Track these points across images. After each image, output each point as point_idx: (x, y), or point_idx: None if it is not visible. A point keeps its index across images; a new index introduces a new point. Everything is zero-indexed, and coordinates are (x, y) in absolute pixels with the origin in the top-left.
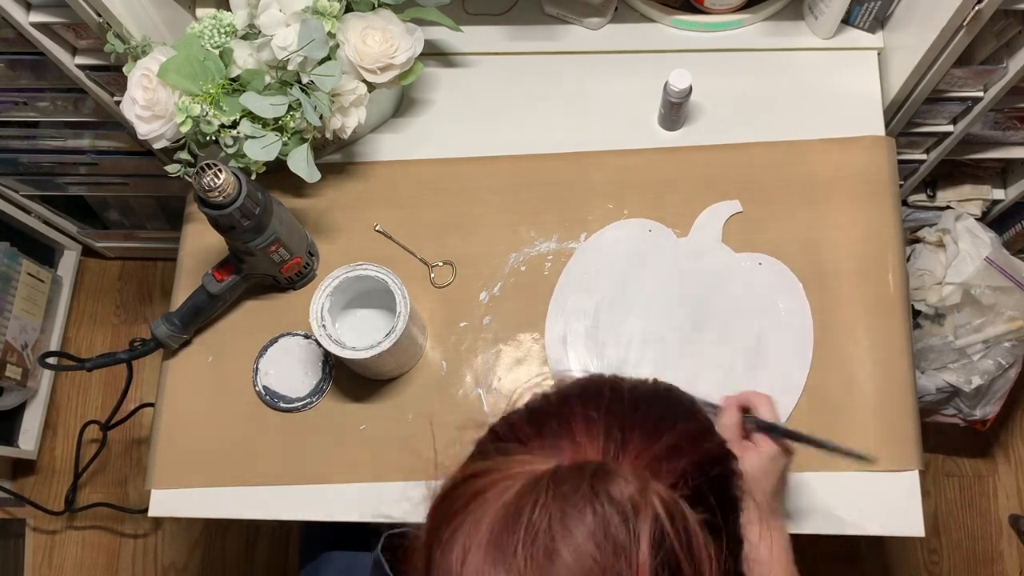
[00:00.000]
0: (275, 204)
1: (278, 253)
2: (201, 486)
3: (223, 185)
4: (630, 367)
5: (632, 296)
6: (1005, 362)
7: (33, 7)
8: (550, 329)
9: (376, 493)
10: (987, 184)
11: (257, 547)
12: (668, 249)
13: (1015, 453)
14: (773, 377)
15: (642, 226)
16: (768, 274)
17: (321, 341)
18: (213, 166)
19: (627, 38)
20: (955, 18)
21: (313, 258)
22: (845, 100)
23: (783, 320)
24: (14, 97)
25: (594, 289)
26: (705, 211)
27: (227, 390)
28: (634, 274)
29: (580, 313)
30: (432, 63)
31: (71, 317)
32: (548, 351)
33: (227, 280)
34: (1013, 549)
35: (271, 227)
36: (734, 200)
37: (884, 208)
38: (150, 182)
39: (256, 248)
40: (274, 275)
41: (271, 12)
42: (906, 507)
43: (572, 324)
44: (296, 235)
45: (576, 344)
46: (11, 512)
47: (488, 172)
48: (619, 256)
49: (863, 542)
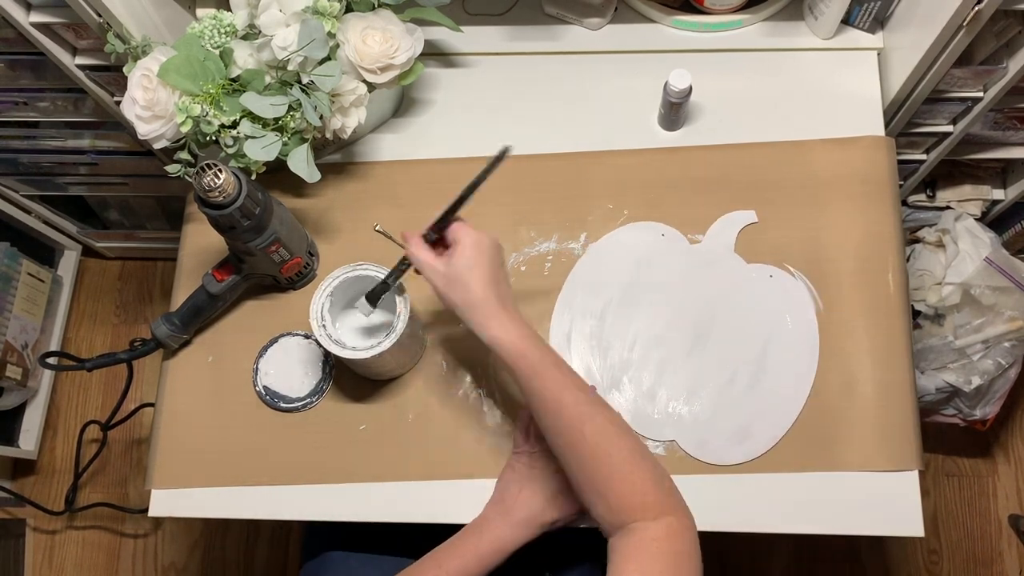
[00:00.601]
0: (275, 204)
1: (278, 253)
2: (201, 486)
3: (223, 185)
4: (633, 368)
5: (640, 299)
6: (1005, 362)
7: (33, 7)
8: (555, 326)
9: (376, 493)
10: (987, 184)
11: (257, 547)
12: (680, 255)
13: (1015, 453)
14: (776, 387)
15: (655, 230)
16: (778, 286)
17: (321, 341)
18: (213, 166)
19: (627, 38)
20: (955, 18)
21: (313, 258)
22: (845, 100)
23: (790, 332)
24: (14, 97)
25: (603, 289)
26: (720, 219)
27: (227, 390)
28: (644, 277)
29: (587, 312)
30: (432, 63)
31: (71, 317)
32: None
33: (227, 280)
34: (1013, 549)
35: (271, 227)
36: (750, 210)
37: (884, 208)
38: (150, 182)
39: (256, 248)
40: (274, 275)
41: (271, 12)
42: (906, 507)
43: (578, 322)
44: (296, 235)
45: (579, 342)
46: (11, 512)
47: None
48: (630, 259)
49: (863, 542)
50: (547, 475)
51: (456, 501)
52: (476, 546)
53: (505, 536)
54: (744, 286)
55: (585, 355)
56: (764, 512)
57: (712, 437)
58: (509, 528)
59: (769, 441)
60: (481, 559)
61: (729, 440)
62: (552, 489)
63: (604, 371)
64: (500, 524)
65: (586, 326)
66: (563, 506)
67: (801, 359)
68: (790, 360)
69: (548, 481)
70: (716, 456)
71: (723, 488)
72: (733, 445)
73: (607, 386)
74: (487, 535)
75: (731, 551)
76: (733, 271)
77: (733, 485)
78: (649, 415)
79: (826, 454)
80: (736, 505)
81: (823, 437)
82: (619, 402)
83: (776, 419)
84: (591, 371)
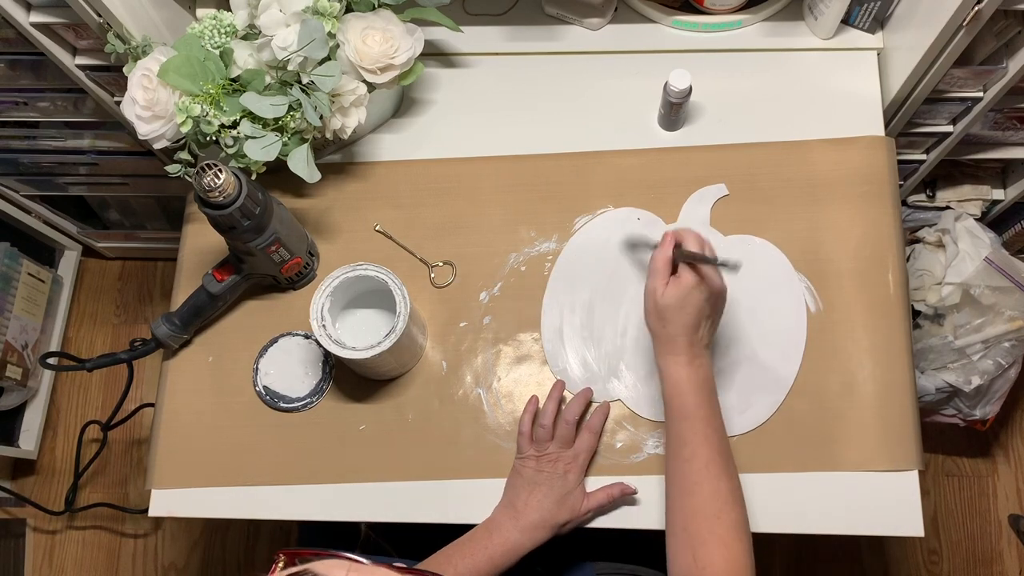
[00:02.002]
0: (275, 204)
1: (278, 253)
2: (201, 486)
3: (223, 185)
4: (628, 354)
5: (624, 284)
6: (1005, 362)
7: (33, 7)
8: (545, 324)
9: (376, 493)
10: (987, 184)
11: (257, 547)
12: (657, 235)
13: (1015, 453)
14: (769, 351)
15: (630, 215)
16: (757, 253)
17: (321, 341)
18: (213, 166)
19: (627, 38)
20: (955, 18)
21: (313, 258)
22: (845, 100)
23: (775, 296)
24: (14, 97)
25: (587, 280)
26: (692, 196)
27: (227, 390)
28: (626, 262)
29: (575, 305)
30: (432, 63)
31: (71, 317)
32: (545, 345)
33: (227, 280)
34: (1013, 549)
35: (271, 227)
36: (720, 183)
37: (884, 208)
38: (150, 182)
39: (256, 248)
40: (274, 275)
41: (271, 12)
42: (906, 507)
43: (567, 317)
44: (296, 235)
45: (572, 336)
46: (11, 512)
47: (488, 172)
48: (609, 246)
49: (863, 542)
50: (555, 478)
51: (456, 501)
52: (487, 547)
53: (517, 540)
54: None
55: (579, 347)
56: (764, 512)
57: None
58: (519, 532)
59: (770, 407)
60: (492, 560)
61: (730, 412)
62: (561, 491)
63: (600, 361)
64: (511, 528)
65: (576, 319)
66: (573, 507)
67: (790, 318)
68: (779, 322)
69: (556, 484)
70: None
71: None
72: (735, 416)
73: (605, 375)
74: (497, 538)
75: None
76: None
77: None
78: (651, 398)
79: (826, 454)
80: None
81: (823, 437)
82: (619, 389)
83: (773, 384)
84: (587, 362)
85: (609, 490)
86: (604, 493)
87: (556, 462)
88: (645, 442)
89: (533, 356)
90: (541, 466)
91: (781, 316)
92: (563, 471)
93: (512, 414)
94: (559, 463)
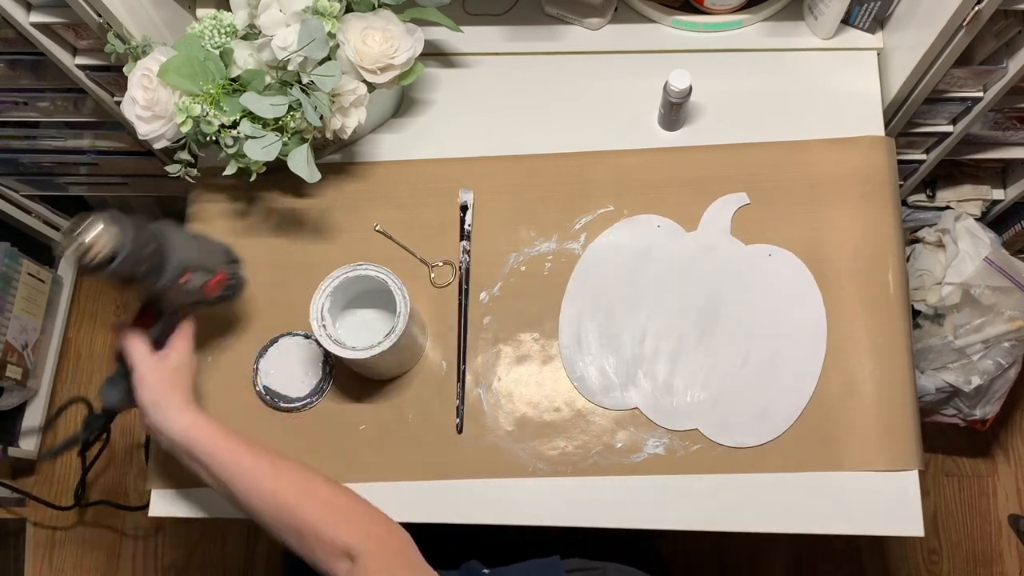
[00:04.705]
0: (171, 229)
1: (191, 282)
2: (201, 486)
3: (95, 242)
4: (647, 362)
5: (644, 292)
6: (1005, 362)
7: (33, 7)
8: (563, 331)
9: (376, 493)
10: (987, 184)
11: (257, 547)
12: (677, 244)
13: (1015, 453)
14: (790, 363)
15: (651, 222)
16: (780, 266)
17: (321, 341)
18: (76, 227)
19: (627, 38)
20: (955, 18)
21: (236, 265)
22: (845, 100)
23: (796, 307)
24: (14, 97)
25: (606, 287)
26: (713, 204)
27: (227, 390)
28: (645, 270)
29: (594, 312)
30: (432, 63)
31: (71, 317)
32: (563, 352)
33: (153, 328)
34: (1013, 549)
35: (175, 257)
36: (741, 192)
37: (884, 208)
38: (150, 182)
39: (164, 287)
40: (199, 301)
41: (271, 12)
42: (906, 507)
43: (586, 324)
44: (206, 250)
45: (590, 344)
46: (12, 511)
47: (488, 172)
48: (629, 253)
49: (863, 542)
50: (182, 359)
51: (456, 501)
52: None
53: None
54: (745, 267)
55: (597, 355)
56: (764, 512)
57: (732, 421)
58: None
59: (789, 418)
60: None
61: (750, 421)
62: (192, 362)
63: (618, 368)
64: (193, 412)
65: (594, 326)
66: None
67: (811, 331)
68: (800, 334)
69: (186, 362)
70: (739, 439)
71: (723, 488)
72: (754, 426)
73: (623, 383)
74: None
75: (731, 551)
76: (732, 254)
77: (733, 485)
78: (669, 407)
79: (826, 454)
80: (736, 505)
81: (823, 437)
82: (638, 398)
83: (793, 395)
84: (605, 370)
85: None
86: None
87: (170, 349)
88: (645, 442)
89: (533, 356)
90: (165, 357)
91: (803, 328)
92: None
93: (512, 414)
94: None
